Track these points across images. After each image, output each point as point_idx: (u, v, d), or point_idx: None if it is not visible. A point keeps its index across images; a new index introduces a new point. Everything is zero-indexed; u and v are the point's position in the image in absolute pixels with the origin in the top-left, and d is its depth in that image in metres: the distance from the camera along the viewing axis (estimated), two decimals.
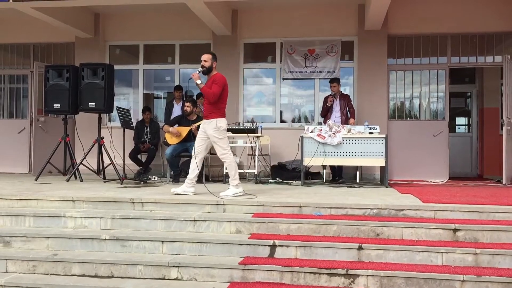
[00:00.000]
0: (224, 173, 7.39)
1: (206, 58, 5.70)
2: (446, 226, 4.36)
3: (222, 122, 5.67)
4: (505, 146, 7.63)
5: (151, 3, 7.84)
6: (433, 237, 4.33)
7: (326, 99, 8.06)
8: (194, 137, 7.35)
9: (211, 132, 5.64)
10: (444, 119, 8.88)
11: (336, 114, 7.93)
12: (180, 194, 5.50)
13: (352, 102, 8.20)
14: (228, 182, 5.54)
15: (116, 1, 7.46)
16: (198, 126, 7.33)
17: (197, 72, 5.70)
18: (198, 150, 5.75)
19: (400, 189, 6.48)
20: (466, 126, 10.85)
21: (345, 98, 8.04)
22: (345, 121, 7.87)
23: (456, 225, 4.35)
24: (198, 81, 5.65)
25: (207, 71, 5.73)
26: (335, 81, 8.07)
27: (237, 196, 5.41)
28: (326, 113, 7.98)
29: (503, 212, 4.58)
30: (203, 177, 7.06)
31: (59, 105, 7.53)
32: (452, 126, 10.04)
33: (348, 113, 8.02)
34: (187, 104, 7.56)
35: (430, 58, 8.96)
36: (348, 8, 8.90)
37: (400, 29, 8.85)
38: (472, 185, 7.66)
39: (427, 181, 8.31)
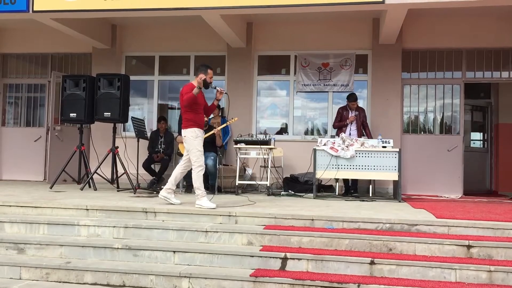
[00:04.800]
0: (237, 184, 7.41)
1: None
2: (459, 242, 4.32)
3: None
4: None
5: (167, 15, 7.93)
6: (447, 253, 4.29)
7: (340, 112, 8.01)
8: (207, 147, 7.43)
9: None
10: (459, 134, 8.81)
11: (352, 127, 7.88)
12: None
13: (366, 117, 8.17)
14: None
15: (133, 13, 7.55)
16: (209, 135, 7.39)
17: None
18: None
19: (413, 204, 6.44)
20: (481, 141, 10.75)
21: (360, 112, 8.01)
22: (360, 134, 7.84)
23: (470, 241, 4.31)
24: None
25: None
26: (356, 98, 7.95)
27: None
28: (341, 127, 7.92)
29: None
30: (215, 188, 7.10)
31: (75, 114, 7.66)
32: (467, 141, 9.94)
33: (364, 131, 7.94)
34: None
35: (445, 72, 8.91)
36: (363, 22, 8.91)
37: (415, 43, 8.83)
38: (487, 201, 7.56)
39: (441, 196, 8.23)
